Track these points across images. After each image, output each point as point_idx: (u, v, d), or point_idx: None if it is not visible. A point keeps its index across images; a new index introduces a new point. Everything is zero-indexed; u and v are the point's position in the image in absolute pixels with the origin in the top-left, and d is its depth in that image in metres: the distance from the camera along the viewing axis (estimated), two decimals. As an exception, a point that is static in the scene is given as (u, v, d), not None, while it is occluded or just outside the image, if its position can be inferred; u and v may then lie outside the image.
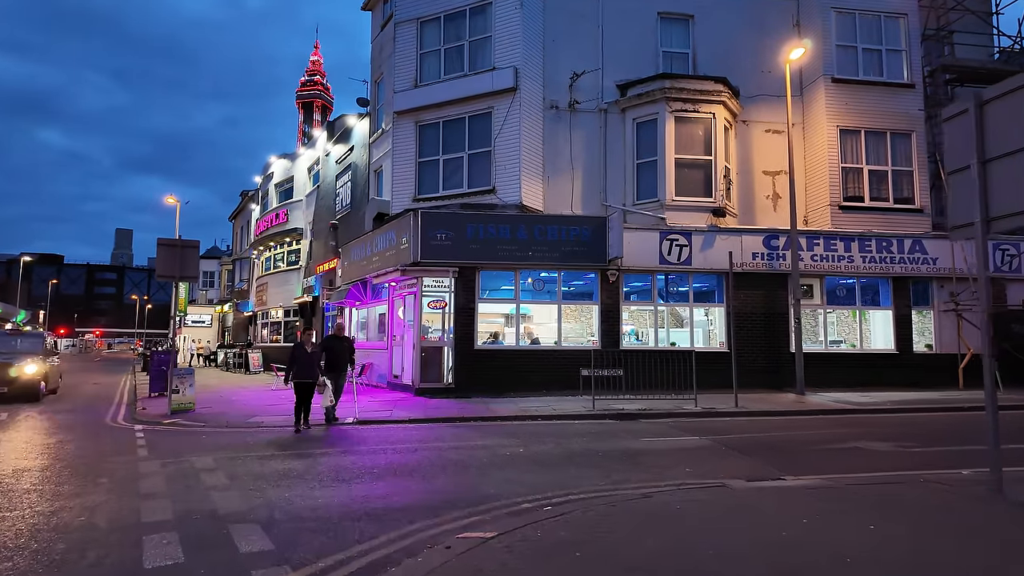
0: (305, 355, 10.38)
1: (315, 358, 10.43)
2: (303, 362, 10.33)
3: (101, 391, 19.57)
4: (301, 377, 10.30)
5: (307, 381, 10.32)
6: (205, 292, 55.04)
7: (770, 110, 17.65)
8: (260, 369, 28.70)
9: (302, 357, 10.36)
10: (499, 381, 14.81)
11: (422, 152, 17.32)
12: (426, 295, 15.21)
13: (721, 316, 16.45)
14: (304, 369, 10.33)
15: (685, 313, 16.61)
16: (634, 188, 16.59)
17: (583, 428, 10.33)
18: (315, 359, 10.42)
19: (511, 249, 15.17)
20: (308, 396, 10.41)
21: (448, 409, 12.36)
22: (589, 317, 16.23)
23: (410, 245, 15.07)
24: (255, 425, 10.65)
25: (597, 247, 15.35)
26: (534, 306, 16.16)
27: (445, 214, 15.34)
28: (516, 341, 15.46)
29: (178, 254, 12.46)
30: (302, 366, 10.32)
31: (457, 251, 15.02)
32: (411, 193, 17.23)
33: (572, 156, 16.77)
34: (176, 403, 12.36)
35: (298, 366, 10.32)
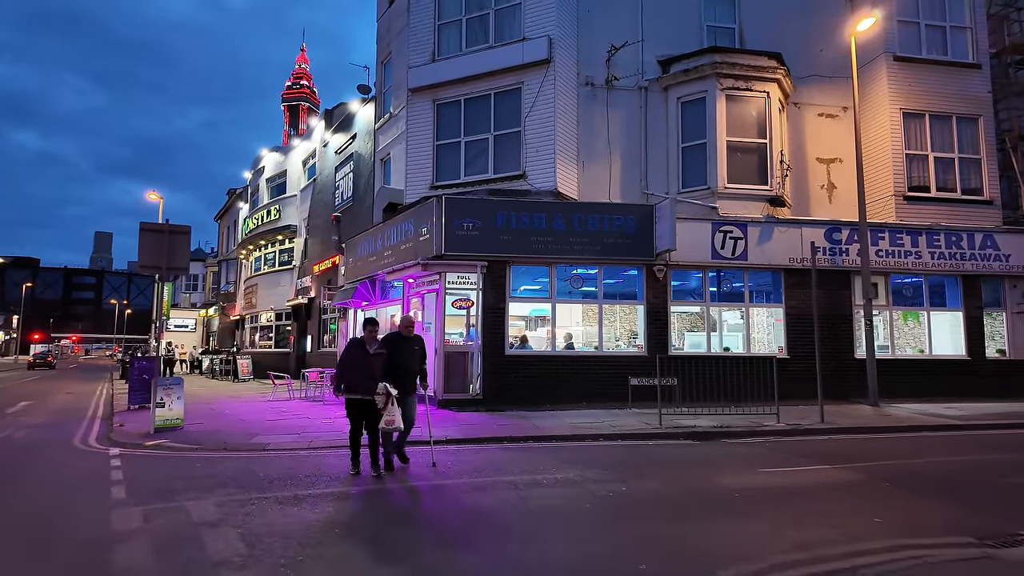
0: (365, 358, 7.00)
1: (377, 363, 7.02)
2: (360, 368, 6.96)
3: (74, 402, 17.40)
4: (357, 390, 6.91)
5: (364, 398, 6.91)
6: (189, 295, 52.52)
7: (823, 92, 16.05)
8: (250, 376, 26.55)
9: (360, 361, 7.01)
10: (533, 391, 12.96)
11: (441, 134, 15.46)
12: (449, 293, 13.33)
13: (772, 318, 14.75)
14: (362, 379, 6.91)
15: (728, 315, 14.86)
16: (679, 174, 14.86)
17: (664, 453, 8.49)
18: (377, 364, 7.01)
19: (546, 241, 13.34)
20: (369, 417, 6.96)
21: (486, 426, 10.47)
22: (630, 318, 14.44)
23: (432, 236, 13.19)
24: (259, 447, 8.68)
25: (642, 239, 13.58)
26: (569, 306, 14.31)
27: (472, 200, 13.48)
28: (552, 346, 13.61)
29: (165, 242, 10.47)
30: (359, 374, 6.94)
31: (486, 243, 13.17)
32: (428, 180, 15.36)
33: (610, 138, 15.00)
34: (161, 419, 10.35)
35: (353, 373, 6.99)
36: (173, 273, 10.53)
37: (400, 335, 7.40)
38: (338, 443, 8.89)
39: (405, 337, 7.37)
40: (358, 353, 7.07)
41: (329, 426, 10.62)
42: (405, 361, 7.20)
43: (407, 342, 7.35)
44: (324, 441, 9.03)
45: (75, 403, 16.97)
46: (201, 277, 52.10)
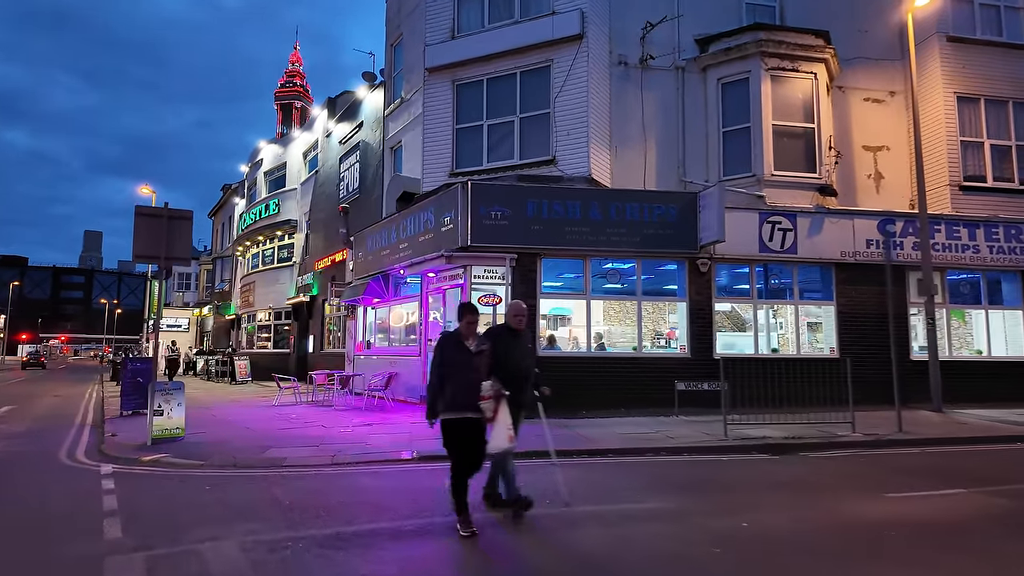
0: (468, 359, 4.90)
1: (483, 365, 4.96)
2: (463, 374, 4.83)
3: (61, 407, 16.11)
4: (465, 406, 4.78)
5: (470, 417, 4.79)
6: (181, 294, 51.02)
7: (869, 75, 15.00)
8: (248, 378, 25.25)
9: (463, 363, 4.88)
10: (566, 397, 11.76)
11: (461, 117, 14.30)
12: (475, 288, 12.18)
13: (815, 317, 13.69)
14: (467, 389, 4.80)
15: (761, 313, 13.77)
16: (719, 161, 13.76)
17: (751, 472, 7.35)
18: (483, 367, 4.95)
19: (581, 232, 12.21)
20: (476, 446, 4.89)
21: (525, 437, 9.29)
22: (667, 317, 13.33)
23: (456, 226, 12.03)
24: (276, 464, 7.49)
25: (685, 230, 12.47)
26: (602, 303, 13.17)
27: (501, 187, 12.33)
28: (587, 346, 12.47)
29: (164, 228, 9.24)
30: (463, 382, 4.82)
31: (515, 233, 12.02)
32: (447, 167, 14.20)
33: (644, 122, 13.88)
34: (159, 429, 9.13)
35: (455, 382, 4.83)
36: (173, 263, 9.32)
37: (507, 328, 5.38)
38: (367, 458, 7.72)
39: (515, 331, 5.33)
40: (458, 353, 4.89)
41: (349, 436, 9.44)
42: (519, 362, 5.22)
43: (519, 338, 5.32)
44: (349, 456, 7.85)
45: (62, 408, 15.68)
46: (194, 276, 50.60)
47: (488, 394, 4.80)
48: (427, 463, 7.56)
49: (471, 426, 4.79)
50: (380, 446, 8.53)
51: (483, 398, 4.78)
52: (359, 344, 17.42)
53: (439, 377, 4.90)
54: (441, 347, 5.07)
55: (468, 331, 5.03)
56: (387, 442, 8.86)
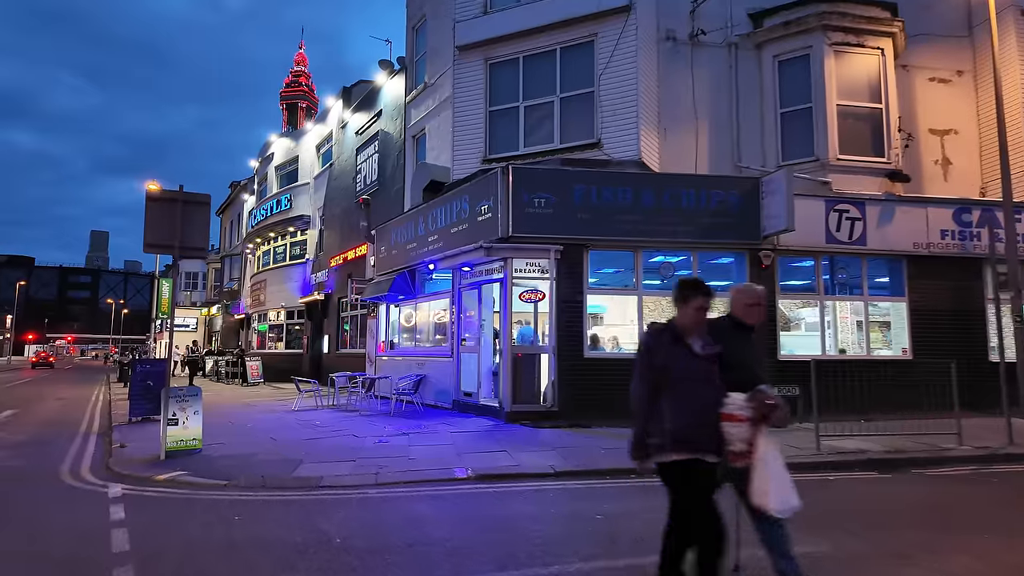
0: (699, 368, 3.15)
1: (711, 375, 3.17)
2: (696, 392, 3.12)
3: (66, 410, 15.15)
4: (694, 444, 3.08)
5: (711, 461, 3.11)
6: (189, 294, 50.16)
7: (934, 53, 13.83)
8: (260, 379, 24.26)
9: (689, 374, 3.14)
10: (618, 403, 10.63)
11: (494, 98, 13.23)
12: (516, 284, 11.11)
13: (891, 313, 12.57)
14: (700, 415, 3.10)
15: (812, 310, 12.63)
16: (777, 144, 12.65)
17: (876, 493, 6.28)
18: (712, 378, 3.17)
19: (632, 220, 11.12)
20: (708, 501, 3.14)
21: (587, 449, 8.25)
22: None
23: (496, 214, 10.96)
24: (311, 484, 6.44)
25: (746, 219, 11.37)
26: (633, 301, 12.06)
27: (545, 171, 11.25)
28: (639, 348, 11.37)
29: (178, 213, 8.21)
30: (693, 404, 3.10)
31: (560, 222, 10.95)
32: (480, 152, 13.13)
33: (695, 103, 12.78)
34: (174, 440, 8.09)
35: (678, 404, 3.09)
36: (189, 254, 8.27)
37: (734, 322, 3.49)
38: (415, 477, 6.66)
39: (745, 327, 3.47)
40: (682, 357, 3.15)
41: (386, 448, 8.38)
42: (753, 370, 3.35)
43: (750, 337, 3.49)
44: (394, 474, 6.79)
45: (67, 412, 14.70)
46: (202, 275, 49.71)
47: (744, 414, 3.05)
48: (487, 484, 6.49)
49: (704, 472, 3.08)
50: (425, 461, 7.46)
51: (735, 419, 3.06)
52: (381, 344, 16.38)
53: (650, 394, 3.14)
54: (650, 348, 3.22)
55: (694, 322, 3.18)
56: (431, 456, 7.80)
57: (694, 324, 3.19)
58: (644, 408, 3.18)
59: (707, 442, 3.08)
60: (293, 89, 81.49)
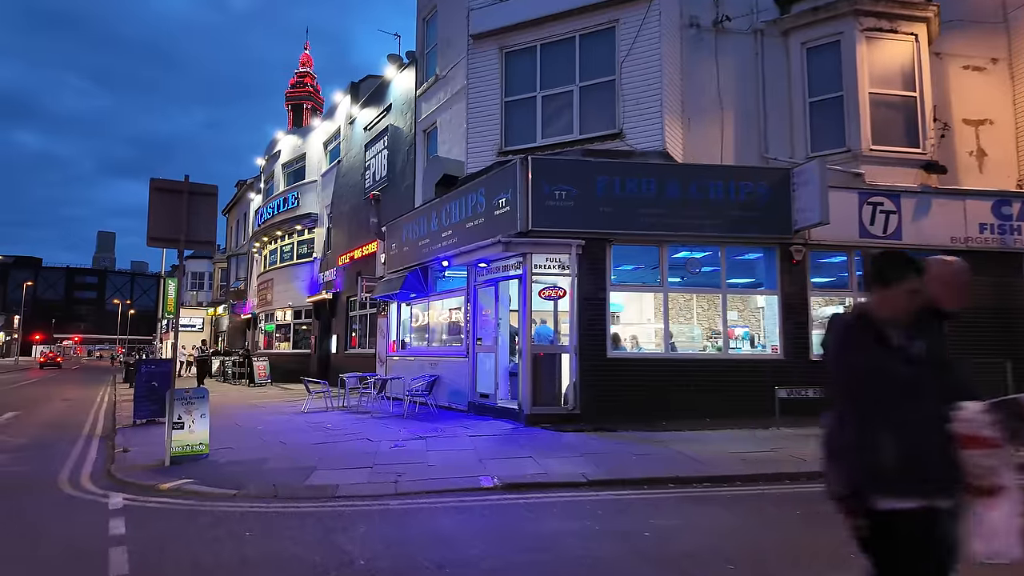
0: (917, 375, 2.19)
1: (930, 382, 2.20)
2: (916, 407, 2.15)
3: (69, 412, 14.76)
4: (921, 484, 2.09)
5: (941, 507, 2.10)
6: (195, 294, 49.92)
7: (968, 41, 13.25)
8: (268, 380, 23.87)
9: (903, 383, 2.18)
10: (642, 405, 10.23)
11: (511, 88, 12.75)
12: (536, 280, 10.62)
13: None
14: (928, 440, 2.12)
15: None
16: (806, 135, 12.11)
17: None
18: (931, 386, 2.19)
19: (657, 214, 10.62)
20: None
21: (617, 455, 7.76)
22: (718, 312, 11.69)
23: (515, 208, 10.48)
24: (326, 494, 5.97)
25: (776, 212, 10.86)
26: (651, 298, 11.56)
27: (566, 162, 10.75)
28: (665, 347, 10.86)
29: (184, 205, 7.76)
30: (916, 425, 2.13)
31: (582, 215, 10.46)
32: (495, 145, 12.66)
33: (720, 92, 12.26)
34: (179, 445, 7.64)
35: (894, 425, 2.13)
36: (195, 247, 7.83)
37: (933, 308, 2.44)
38: (437, 486, 6.18)
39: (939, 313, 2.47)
40: (888, 357, 2.21)
41: (403, 453, 7.91)
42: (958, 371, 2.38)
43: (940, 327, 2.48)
44: (414, 482, 6.31)
45: (70, 414, 14.31)
46: (208, 275, 49.46)
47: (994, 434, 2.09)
48: (516, 494, 6.01)
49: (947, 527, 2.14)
50: (446, 467, 6.99)
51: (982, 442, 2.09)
52: (392, 344, 15.92)
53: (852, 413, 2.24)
54: (847, 347, 2.33)
55: (902, 311, 2.27)
56: (452, 462, 7.32)
57: (902, 314, 2.25)
58: (837, 436, 2.25)
59: (940, 479, 2.10)
60: (298, 90, 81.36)
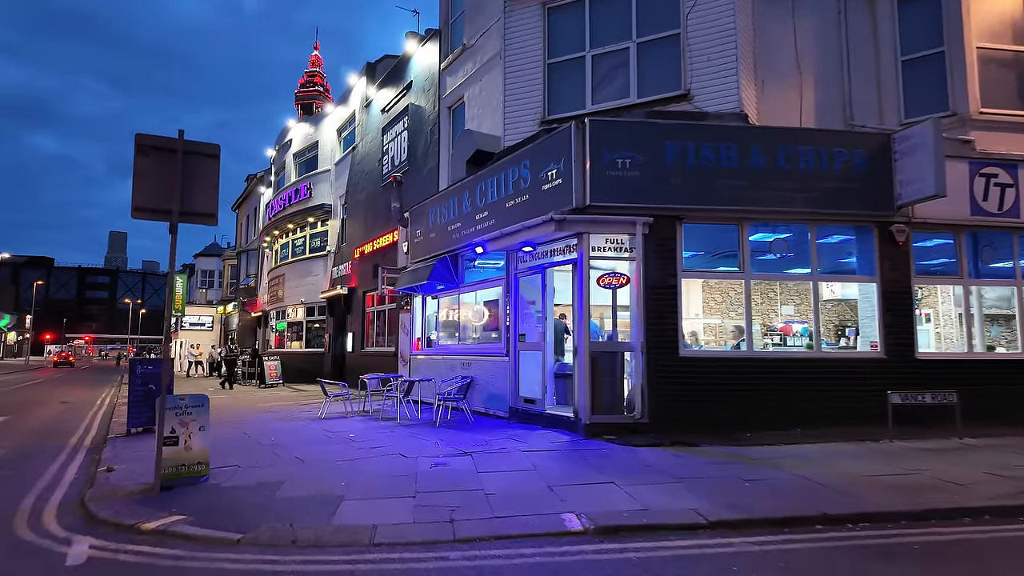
0: None
1: None
2: None
3: (64, 417, 13.35)
4: None
5: None
6: (205, 292, 48.77)
7: (1077, -10, 11.54)
8: (279, 380, 22.46)
9: None
10: (721, 413, 8.62)
11: (554, 49, 11.18)
12: (594, 266, 9.03)
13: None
14: None
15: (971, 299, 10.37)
16: (898, 98, 10.44)
17: None
18: None
19: (737, 186, 9.00)
20: None
21: (724, 483, 6.16)
22: (775, 305, 10.09)
23: (570, 179, 8.89)
24: (365, 543, 4.43)
25: (874, 184, 9.21)
26: (699, 286, 9.96)
27: (630, 125, 9.13)
28: (748, 344, 9.23)
29: (178, 168, 6.25)
30: None
31: (649, 187, 8.85)
32: (537, 113, 11.09)
33: (798, 52, 10.61)
34: (173, 465, 6.13)
35: None
36: (192, 220, 6.31)
37: None
38: (507, 530, 4.62)
39: None
40: None
41: (449, 476, 6.35)
42: None
43: None
44: (475, 523, 4.75)
45: (64, 419, 12.89)
46: (218, 272, 48.28)
47: None
48: (618, 541, 4.43)
49: None
50: (510, 498, 5.43)
51: None
52: (417, 342, 14.39)
53: None
54: None
55: None
56: (515, 489, 5.77)
57: None
58: None
59: None
60: (308, 89, 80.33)
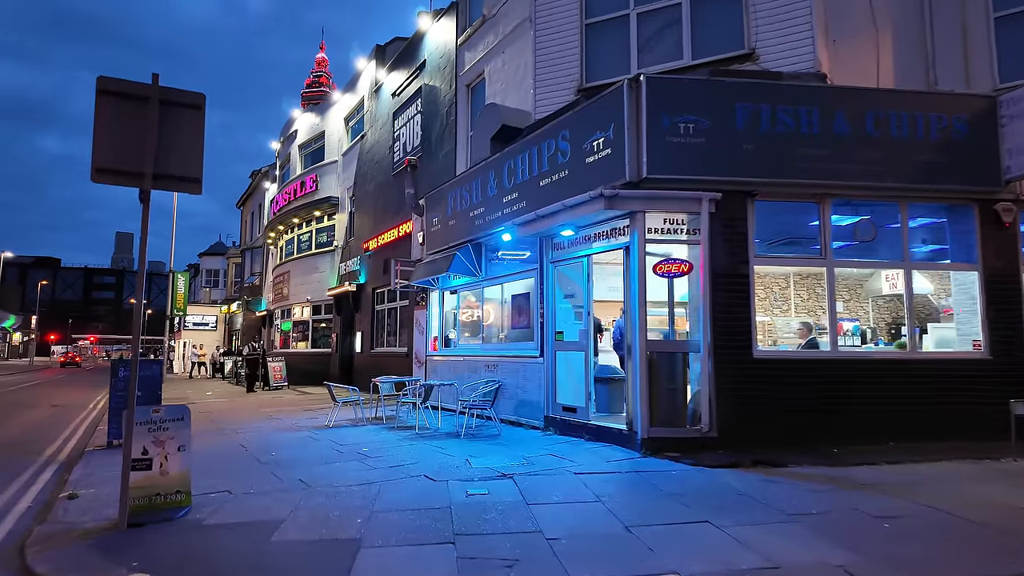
0: None
1: None
2: None
3: (47, 423, 12.11)
4: None
5: None
6: (209, 291, 47.67)
7: None
8: (284, 383, 21.21)
9: None
10: (802, 423, 7.26)
11: (592, 8, 9.84)
12: (651, 251, 7.69)
13: None
14: None
15: None
16: (991, 59, 9.04)
17: None
18: None
19: (819, 156, 7.63)
20: None
21: (845, 518, 4.81)
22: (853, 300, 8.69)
23: (621, 148, 7.54)
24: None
25: (976, 155, 7.83)
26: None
27: (694, 83, 7.75)
28: (832, 343, 7.85)
29: (153, 121, 4.93)
30: None
31: (717, 157, 7.50)
32: (573, 81, 9.77)
33: (873, 7, 9.25)
34: (144, 495, 4.84)
35: None
36: (171, 186, 4.99)
37: None
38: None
39: None
40: None
41: (491, 510, 5.03)
42: None
43: None
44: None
45: (48, 425, 11.65)
46: (223, 272, 47.19)
47: None
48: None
49: None
50: (581, 549, 4.11)
51: None
52: (434, 341, 13.08)
53: None
54: None
55: None
56: (582, 530, 4.45)
57: None
58: None
59: None
60: (314, 90, 79.40)
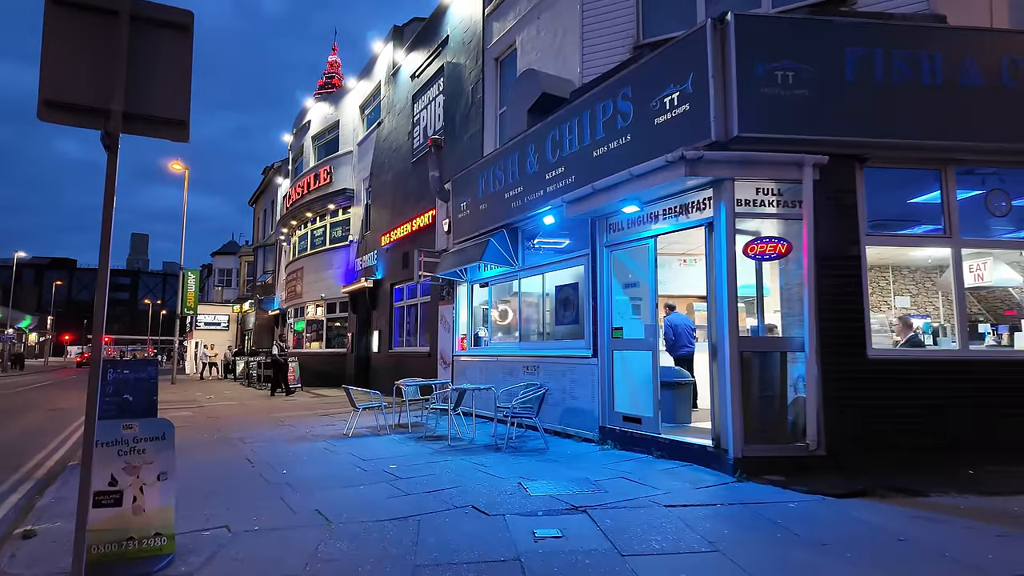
0: None
1: None
2: None
3: (38, 430, 10.99)
4: None
5: None
6: (221, 290, 46.89)
7: None
8: (298, 384, 20.02)
9: None
10: (925, 439, 5.90)
11: (651, -46, 8.53)
12: (740, 228, 6.34)
13: None
14: None
15: None
16: None
17: None
18: None
19: (943, 113, 6.26)
20: None
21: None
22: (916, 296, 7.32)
23: (703, 102, 6.20)
24: None
25: None
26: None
27: (794, 22, 6.37)
28: (961, 342, 6.45)
29: (121, 40, 3.67)
30: None
31: (822, 113, 6.14)
32: (628, 38, 8.47)
33: (986, -57, 7.85)
34: (113, 539, 3.58)
35: None
36: (147, 132, 3.72)
37: None
38: None
39: None
40: None
41: (573, 560, 3.74)
42: None
43: None
44: None
45: (37, 433, 10.52)
46: (235, 271, 46.38)
47: None
48: None
49: None
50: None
51: None
52: (461, 340, 11.81)
53: None
54: None
55: None
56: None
57: None
58: None
59: None
60: (327, 90, 78.73)
